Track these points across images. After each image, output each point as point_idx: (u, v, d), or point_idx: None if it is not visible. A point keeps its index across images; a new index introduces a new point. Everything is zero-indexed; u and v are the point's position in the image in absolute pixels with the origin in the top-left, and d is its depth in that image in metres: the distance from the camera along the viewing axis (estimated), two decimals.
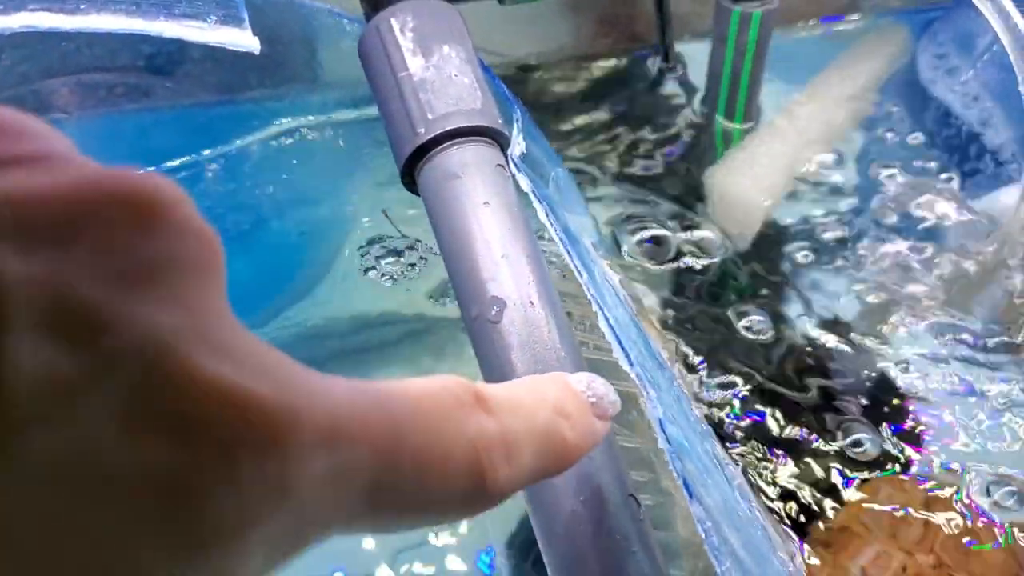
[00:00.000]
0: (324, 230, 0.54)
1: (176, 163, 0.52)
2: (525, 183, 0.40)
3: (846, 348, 0.51)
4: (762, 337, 0.52)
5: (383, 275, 0.55)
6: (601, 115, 0.64)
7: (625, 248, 0.55)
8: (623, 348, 0.33)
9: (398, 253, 0.55)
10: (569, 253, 0.37)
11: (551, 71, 0.68)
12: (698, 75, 0.65)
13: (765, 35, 0.56)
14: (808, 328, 0.52)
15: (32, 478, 0.12)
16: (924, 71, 0.64)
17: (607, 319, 0.34)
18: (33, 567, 0.12)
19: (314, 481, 0.15)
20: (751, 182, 0.57)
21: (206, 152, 0.52)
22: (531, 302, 0.36)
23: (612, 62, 0.68)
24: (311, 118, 0.55)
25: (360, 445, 0.16)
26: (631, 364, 0.33)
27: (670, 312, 0.53)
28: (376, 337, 0.56)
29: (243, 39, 0.35)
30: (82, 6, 0.34)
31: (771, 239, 0.56)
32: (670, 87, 0.66)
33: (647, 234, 0.56)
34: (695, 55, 0.66)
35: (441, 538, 0.46)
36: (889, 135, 0.62)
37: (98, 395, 0.12)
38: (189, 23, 0.35)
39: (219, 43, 0.35)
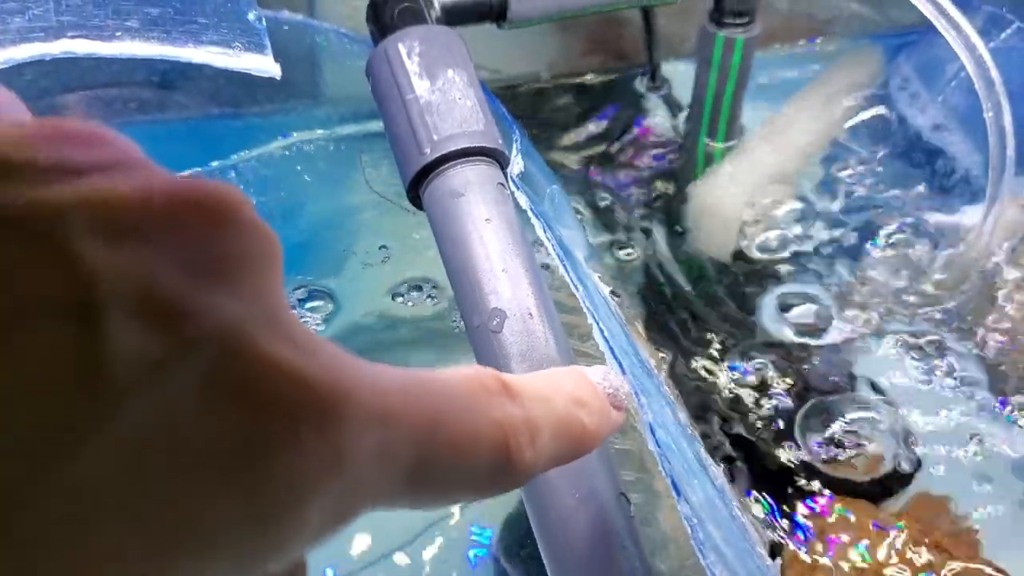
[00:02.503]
0: (327, 239, 0.57)
1: (187, 174, 0.54)
2: (523, 200, 0.43)
3: (817, 359, 0.54)
4: (739, 351, 0.55)
5: (393, 294, 0.57)
6: (588, 132, 0.67)
7: (610, 261, 0.58)
8: (616, 358, 0.36)
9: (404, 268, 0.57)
10: (565, 267, 0.40)
11: (541, 89, 0.70)
12: (683, 94, 0.68)
13: (747, 59, 0.59)
14: (783, 336, 0.55)
15: (128, 445, 0.13)
16: (895, 93, 0.68)
17: (601, 330, 0.37)
18: (125, 524, 0.13)
19: (365, 455, 0.16)
20: (731, 198, 0.60)
21: (215, 163, 0.54)
22: (530, 313, 0.39)
23: (600, 80, 0.71)
24: (316, 132, 0.57)
25: (405, 425, 0.17)
26: (624, 372, 0.35)
27: (655, 320, 0.55)
28: (383, 343, 0.58)
29: (266, 65, 0.37)
30: (117, 33, 0.36)
31: (749, 253, 0.59)
32: (656, 103, 0.69)
33: (632, 252, 0.59)
34: (680, 75, 0.69)
35: (439, 527, 0.48)
36: (862, 153, 0.66)
37: (182, 373, 0.14)
38: (216, 50, 0.37)
39: (244, 69, 0.37)
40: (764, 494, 0.48)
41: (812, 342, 0.55)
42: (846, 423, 0.51)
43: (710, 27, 0.59)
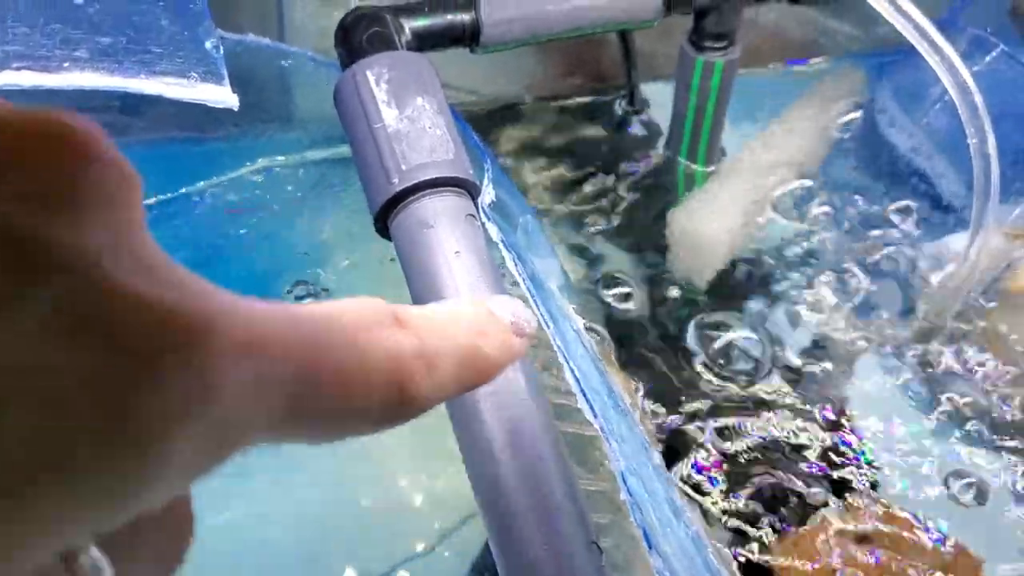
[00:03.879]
0: (298, 265, 0.55)
1: (152, 200, 0.52)
2: (494, 231, 0.42)
3: (797, 385, 0.53)
4: (718, 375, 0.53)
5: None
6: (567, 155, 0.66)
7: (587, 287, 0.57)
8: (587, 400, 0.35)
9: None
10: (536, 302, 0.39)
11: (519, 110, 0.69)
12: (663, 116, 0.67)
13: (727, 82, 0.58)
14: (764, 362, 0.54)
15: None
16: (878, 115, 0.67)
17: (572, 371, 0.36)
18: None
19: (234, 387, 0.16)
20: (711, 221, 0.59)
21: (183, 190, 0.53)
22: None
23: (579, 102, 0.70)
24: (284, 157, 0.56)
25: (281, 355, 0.17)
26: (595, 416, 0.34)
27: (631, 349, 0.54)
28: None
29: (222, 96, 0.36)
30: (65, 64, 0.35)
31: (729, 278, 0.58)
32: (635, 128, 0.68)
33: (610, 278, 0.58)
34: (661, 96, 0.67)
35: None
36: (845, 175, 0.65)
37: (31, 306, 0.13)
38: (170, 80, 0.36)
39: (199, 100, 0.36)
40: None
41: (796, 369, 0.54)
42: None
43: (689, 50, 0.57)
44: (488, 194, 0.43)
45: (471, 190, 0.42)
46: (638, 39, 0.65)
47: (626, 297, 0.57)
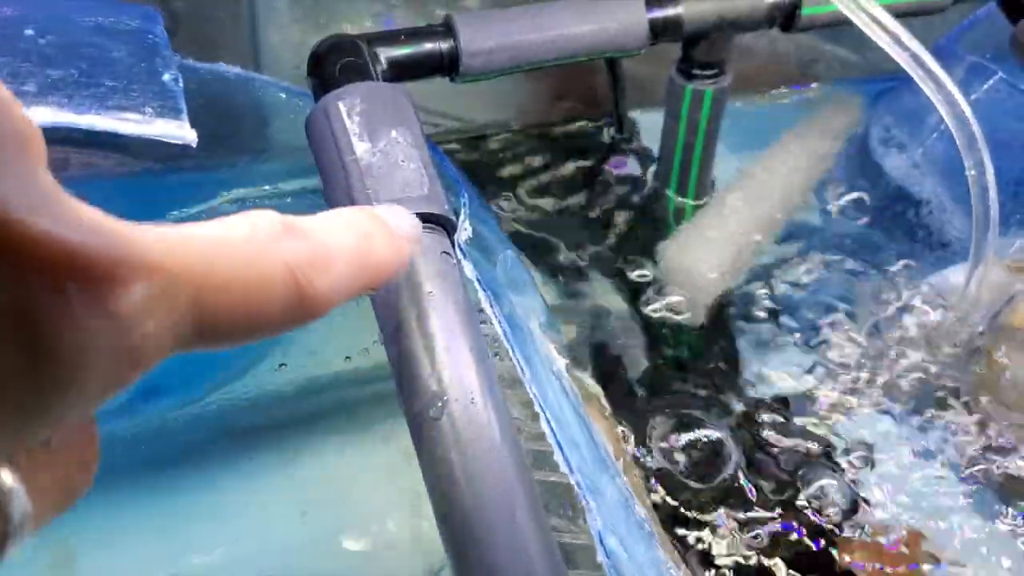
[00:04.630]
0: None
1: None
2: (470, 270, 0.40)
3: (793, 424, 0.51)
4: (710, 414, 0.51)
5: (345, 356, 0.54)
6: (554, 184, 0.64)
7: (572, 322, 0.55)
8: (563, 453, 0.33)
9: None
10: (511, 345, 0.37)
11: (506, 137, 0.67)
12: (653, 143, 0.65)
13: (718, 112, 0.56)
14: (757, 403, 0.52)
15: None
16: (875, 144, 0.65)
17: (548, 421, 0.34)
18: None
19: (136, 307, 0.17)
20: (702, 257, 0.57)
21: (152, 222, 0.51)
22: (472, 399, 0.36)
23: (568, 129, 0.68)
24: (259, 188, 0.54)
25: (177, 274, 0.18)
26: (571, 471, 0.32)
27: (618, 389, 0.52)
28: (328, 402, 0.55)
29: (180, 132, 0.34)
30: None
31: (720, 314, 0.56)
32: (625, 156, 0.66)
33: (597, 313, 0.56)
34: (651, 123, 0.66)
35: None
36: (842, 206, 0.63)
37: None
38: (123, 116, 0.34)
39: (155, 136, 0.34)
40: None
41: (788, 410, 0.52)
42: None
43: (677, 79, 0.56)
44: (465, 230, 0.41)
45: (446, 226, 0.40)
46: (629, 65, 0.63)
47: (612, 333, 0.55)
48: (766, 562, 0.46)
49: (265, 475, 0.52)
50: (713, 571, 0.45)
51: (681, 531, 0.46)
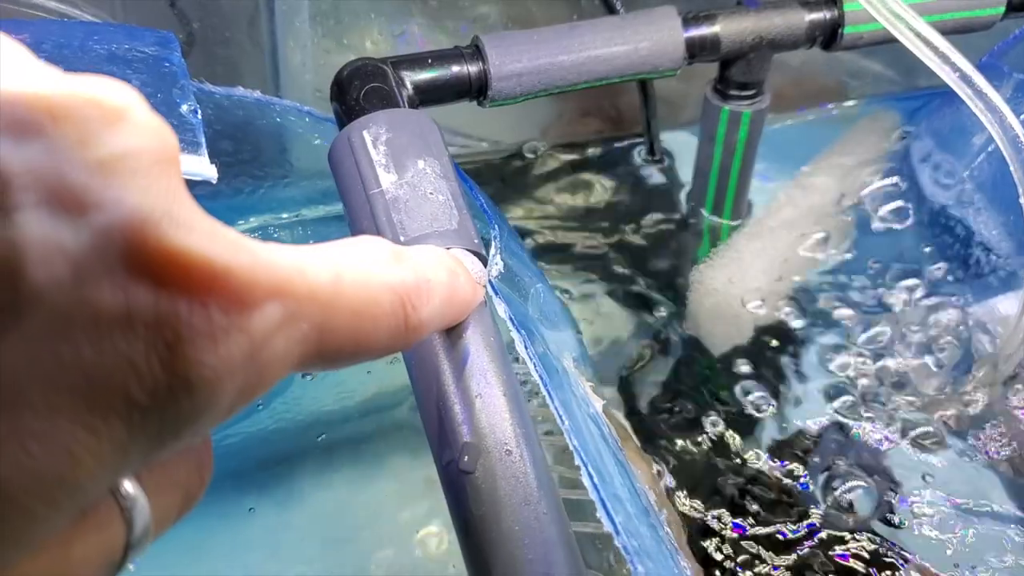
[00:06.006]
0: None
1: None
2: (502, 308, 0.37)
3: (832, 461, 0.49)
4: (743, 454, 0.49)
5: (367, 370, 0.52)
6: (583, 207, 0.62)
7: (603, 351, 0.53)
8: (609, 515, 0.30)
9: None
10: (549, 394, 0.35)
11: (532, 158, 0.65)
12: (686, 164, 0.63)
13: (755, 133, 0.54)
14: (794, 436, 0.50)
15: (47, 325, 0.14)
16: (917, 163, 0.62)
17: (590, 476, 0.32)
18: (53, 396, 0.15)
19: (268, 325, 0.18)
20: (738, 282, 0.54)
21: None
22: (507, 450, 0.33)
23: (596, 150, 0.66)
24: (280, 215, 0.53)
25: (304, 296, 0.19)
26: (617, 533, 0.30)
27: (651, 423, 0.50)
28: (346, 432, 0.53)
29: (199, 167, 0.32)
30: None
31: (758, 340, 0.54)
32: (656, 178, 0.64)
33: (628, 335, 0.54)
34: (682, 144, 0.64)
35: None
36: (882, 228, 0.60)
37: (94, 259, 0.15)
38: None
39: None
40: None
41: (827, 442, 0.50)
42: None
43: (714, 99, 0.53)
44: (496, 265, 0.39)
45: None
46: (660, 83, 0.61)
47: (645, 363, 0.53)
48: None
49: (278, 509, 0.50)
50: None
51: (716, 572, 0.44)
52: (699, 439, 0.49)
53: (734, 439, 0.49)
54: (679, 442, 0.49)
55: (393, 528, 0.48)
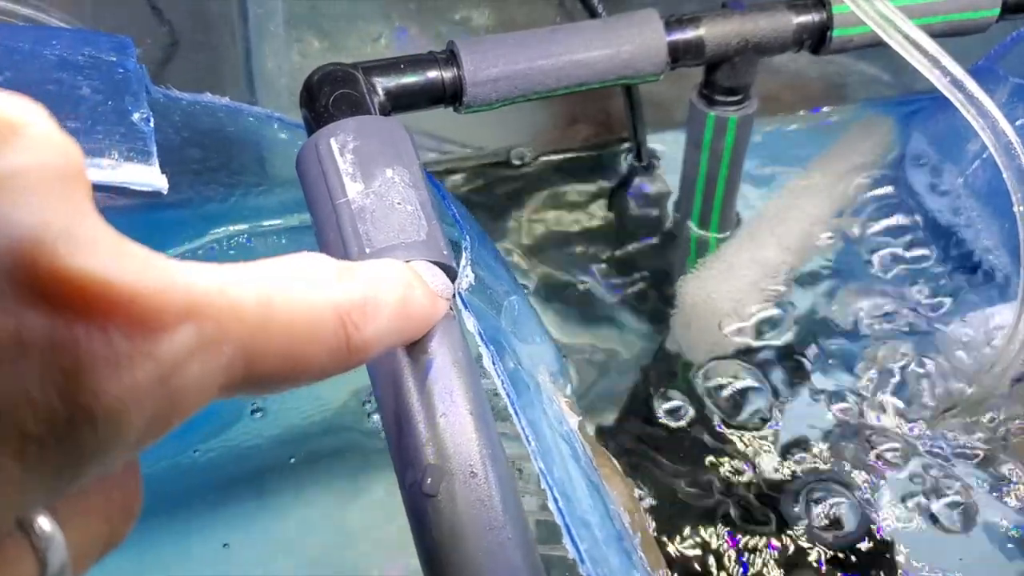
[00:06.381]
0: None
1: None
2: (471, 322, 0.36)
3: (821, 479, 0.47)
4: (738, 474, 0.48)
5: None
6: (568, 216, 0.61)
7: (583, 363, 0.51)
8: (573, 540, 0.29)
9: None
10: (515, 413, 0.33)
11: (516, 165, 0.64)
12: (674, 169, 0.61)
13: (742, 140, 0.53)
14: (784, 450, 0.49)
15: None
16: (911, 170, 0.61)
17: (555, 500, 0.30)
18: None
19: (180, 350, 0.17)
20: (725, 294, 0.53)
21: None
22: (472, 472, 0.32)
23: (584, 156, 0.65)
24: (253, 224, 0.51)
25: (225, 318, 0.18)
26: (581, 561, 0.29)
27: (633, 441, 0.49)
28: (313, 448, 0.52)
29: (149, 178, 0.31)
30: None
31: (746, 355, 0.52)
32: (643, 184, 0.62)
33: (610, 349, 0.52)
34: (674, 148, 0.62)
35: None
36: (874, 237, 0.59)
37: None
38: (86, 161, 0.31)
39: (122, 184, 0.31)
40: None
41: (820, 466, 0.48)
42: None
43: (699, 104, 0.52)
44: (466, 277, 0.37)
45: (447, 273, 0.37)
46: (647, 85, 0.59)
47: (627, 376, 0.52)
48: None
49: (256, 525, 0.49)
50: None
51: None
52: (681, 455, 0.48)
53: (718, 456, 0.48)
54: (661, 460, 0.47)
55: (378, 548, 0.47)
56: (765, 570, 0.44)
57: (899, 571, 0.44)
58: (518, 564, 0.30)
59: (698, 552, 0.44)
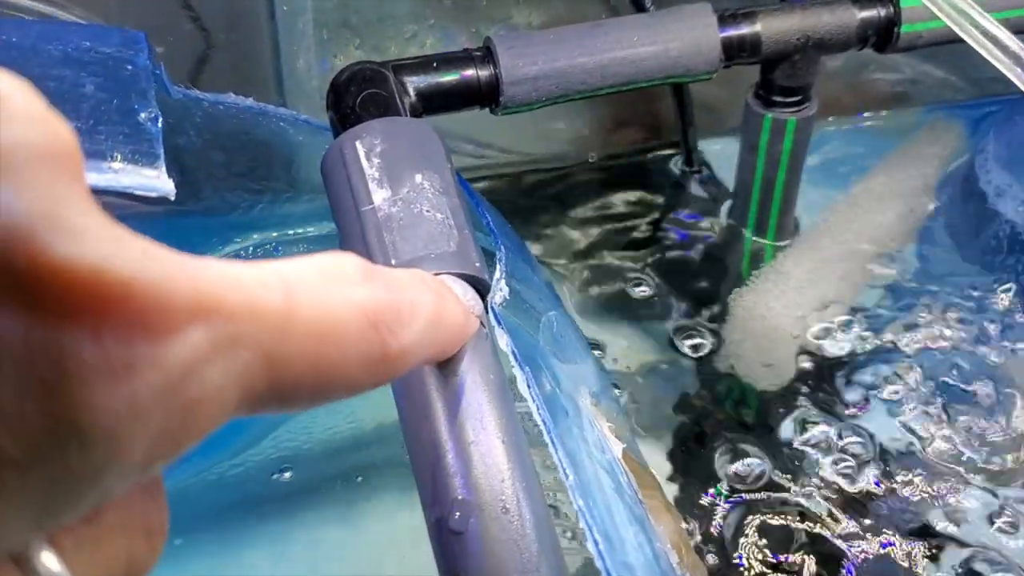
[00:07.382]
0: None
1: None
2: (505, 341, 0.33)
3: (884, 507, 0.44)
4: (784, 503, 0.44)
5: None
6: (614, 225, 0.58)
7: (632, 385, 0.48)
8: None
9: None
10: (552, 443, 0.30)
11: (560, 171, 0.61)
12: (726, 174, 0.58)
13: (801, 143, 0.49)
14: (845, 476, 0.45)
15: None
16: (982, 178, 0.57)
17: (596, 544, 0.27)
18: None
19: (190, 354, 0.15)
20: (784, 308, 0.50)
21: None
22: (505, 508, 0.29)
23: (630, 161, 0.61)
24: (281, 232, 0.49)
25: (242, 316, 0.16)
26: None
27: (683, 467, 0.45)
28: (365, 459, 0.49)
29: (153, 181, 0.29)
30: None
31: (804, 374, 0.49)
32: (694, 191, 0.59)
33: (658, 365, 0.49)
34: (727, 153, 0.59)
35: None
36: (943, 251, 0.55)
37: None
38: (87, 164, 0.28)
39: (125, 188, 0.29)
40: None
41: (879, 490, 0.45)
42: None
43: (755, 106, 0.49)
44: (500, 291, 0.34)
45: (479, 287, 0.34)
46: (698, 87, 0.56)
47: (675, 395, 0.48)
48: None
49: (288, 542, 0.47)
50: None
51: None
52: (736, 486, 0.44)
53: (777, 487, 0.44)
54: (712, 491, 0.44)
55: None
56: None
57: None
58: None
59: None
